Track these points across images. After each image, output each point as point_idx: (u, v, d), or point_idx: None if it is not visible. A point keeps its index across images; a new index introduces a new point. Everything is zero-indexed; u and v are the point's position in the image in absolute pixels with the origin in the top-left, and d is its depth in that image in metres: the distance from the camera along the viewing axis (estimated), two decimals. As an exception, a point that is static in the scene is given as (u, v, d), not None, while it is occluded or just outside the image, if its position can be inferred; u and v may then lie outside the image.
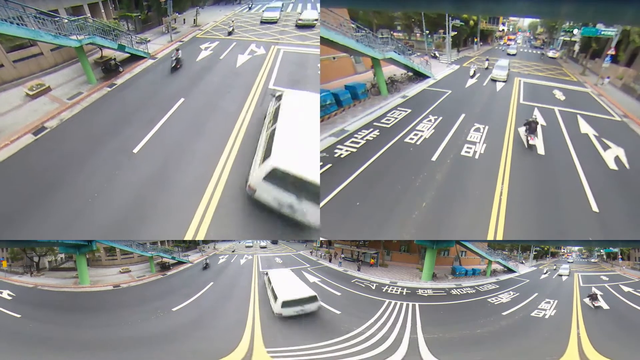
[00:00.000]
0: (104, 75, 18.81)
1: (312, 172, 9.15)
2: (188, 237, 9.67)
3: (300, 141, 10.26)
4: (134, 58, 21.12)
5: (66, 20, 16.49)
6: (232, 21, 28.72)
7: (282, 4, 27.88)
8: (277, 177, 9.27)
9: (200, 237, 9.73)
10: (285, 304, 12.73)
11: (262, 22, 28.88)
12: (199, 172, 11.61)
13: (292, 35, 26.36)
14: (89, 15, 21.22)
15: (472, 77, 29.26)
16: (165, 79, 18.75)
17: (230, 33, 25.86)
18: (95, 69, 18.91)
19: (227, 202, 10.57)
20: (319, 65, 20.74)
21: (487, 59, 34.94)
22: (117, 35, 19.84)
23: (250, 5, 30.97)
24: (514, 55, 44.81)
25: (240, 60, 21.23)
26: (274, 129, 10.70)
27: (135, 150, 12.62)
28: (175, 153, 12.56)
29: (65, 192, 10.60)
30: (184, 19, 30.15)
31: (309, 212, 9.41)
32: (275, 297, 13.16)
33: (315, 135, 10.68)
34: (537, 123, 15.82)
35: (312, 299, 13.22)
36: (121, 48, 20.08)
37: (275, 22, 29.17)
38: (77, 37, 16.65)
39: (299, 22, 28.37)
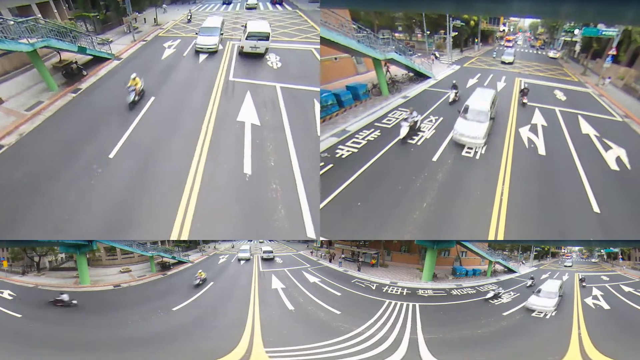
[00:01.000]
0: (65, 81, 17.66)
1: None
2: (174, 236, 9.57)
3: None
4: (98, 60, 20.35)
5: (12, 22, 14.96)
6: (190, 10, 29.80)
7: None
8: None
9: (185, 236, 9.59)
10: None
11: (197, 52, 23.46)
12: (176, 169, 11.54)
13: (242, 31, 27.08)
14: (39, 16, 20.01)
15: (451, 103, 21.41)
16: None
17: (189, 20, 26.02)
18: (55, 75, 17.75)
19: (207, 197, 10.55)
20: (268, 56, 22.04)
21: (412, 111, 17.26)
22: (76, 37, 18.76)
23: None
24: (510, 63, 36.54)
25: (201, 57, 21.57)
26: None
27: (111, 155, 12.15)
28: (152, 152, 12.41)
29: (40, 208, 9.99)
30: (145, 18, 30.04)
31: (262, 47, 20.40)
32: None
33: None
34: (528, 90, 22.56)
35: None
36: (82, 50, 19.02)
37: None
38: (28, 41, 15.06)
39: (247, 5, 32.25)
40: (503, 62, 34.43)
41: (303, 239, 10.54)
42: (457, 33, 40.65)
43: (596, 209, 11.45)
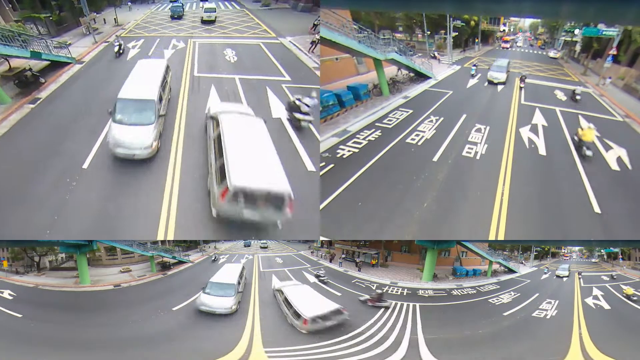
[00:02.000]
0: (20, 91, 16.00)
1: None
2: (160, 237, 9.53)
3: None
4: (57, 65, 18.93)
5: None
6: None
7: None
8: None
9: (170, 236, 9.54)
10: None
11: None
12: (155, 168, 11.41)
13: (202, 29, 28.70)
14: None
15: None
16: (100, 83, 17.17)
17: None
18: (6, 85, 16.07)
19: (187, 195, 10.56)
20: (224, 51, 22.83)
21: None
22: (27, 41, 17.04)
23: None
24: (502, 83, 27.37)
25: (166, 55, 21.67)
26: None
27: (85, 166, 11.42)
28: (122, 161, 11.58)
29: (9, 234, 9.49)
30: (104, 19, 29.18)
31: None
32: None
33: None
34: (525, 76, 26.16)
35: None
36: (36, 55, 17.21)
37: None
38: None
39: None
40: (491, 82, 27.64)
41: (279, 239, 10.71)
42: (457, 33, 40.65)
43: (597, 209, 11.43)
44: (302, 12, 33.59)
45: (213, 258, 23.46)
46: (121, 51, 20.99)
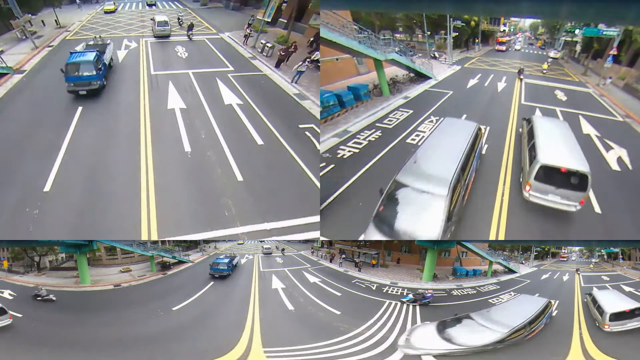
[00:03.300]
0: None
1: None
2: (144, 237, 9.51)
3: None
4: None
5: None
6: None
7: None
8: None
9: (154, 236, 9.50)
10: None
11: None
12: (127, 173, 11.23)
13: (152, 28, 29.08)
14: None
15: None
16: (50, 93, 15.81)
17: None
18: None
19: (165, 193, 10.62)
20: (175, 49, 23.76)
21: None
22: None
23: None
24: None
25: (120, 56, 21.66)
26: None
27: (46, 189, 10.44)
28: (97, 166, 11.42)
29: None
30: (43, 21, 26.67)
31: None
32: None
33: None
34: (523, 69, 29.62)
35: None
36: None
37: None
38: None
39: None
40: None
41: (239, 179, 11.45)
42: (457, 34, 40.70)
43: (597, 209, 11.44)
44: (233, 10, 38.11)
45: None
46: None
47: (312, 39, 25.40)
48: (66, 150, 12.09)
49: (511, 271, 26.42)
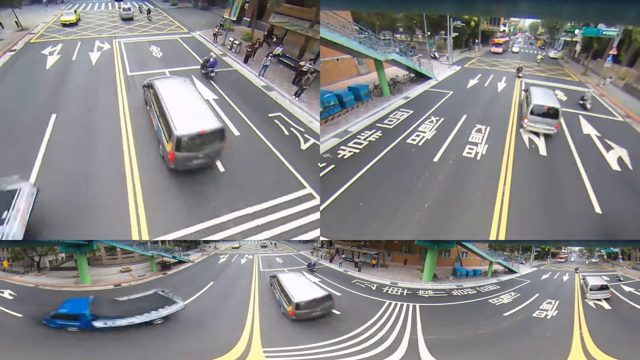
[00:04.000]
0: None
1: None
2: (135, 237, 9.43)
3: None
4: None
5: None
6: None
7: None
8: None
9: (145, 236, 9.45)
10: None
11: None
12: (112, 176, 10.96)
13: (124, 29, 28.56)
14: None
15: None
16: (20, 102, 14.70)
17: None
18: None
19: (152, 191, 10.60)
20: (150, 48, 23.37)
21: None
22: None
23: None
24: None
25: (93, 58, 20.84)
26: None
27: None
28: (76, 175, 10.80)
29: None
30: (0, 23, 25.10)
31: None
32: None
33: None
34: (522, 68, 29.62)
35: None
36: None
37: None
38: None
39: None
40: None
41: (221, 171, 11.92)
42: (457, 34, 40.70)
43: (598, 210, 11.42)
44: (202, 10, 38.92)
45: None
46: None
47: (265, 34, 26.57)
48: (42, 161, 11.13)
49: (511, 271, 26.42)
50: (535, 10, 13.84)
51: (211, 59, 19.22)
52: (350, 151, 14.44)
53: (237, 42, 24.30)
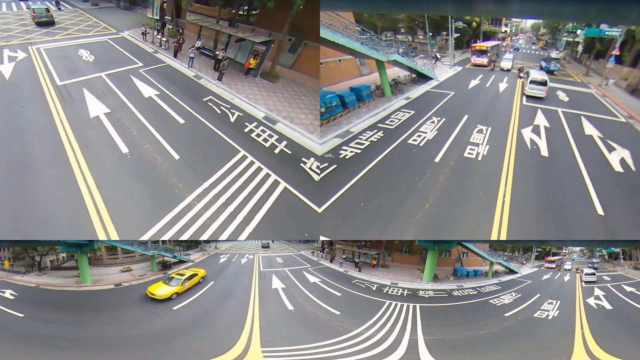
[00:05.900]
0: None
1: None
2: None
3: None
4: None
5: None
6: None
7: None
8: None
9: (114, 235, 9.33)
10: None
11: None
12: (64, 195, 10.26)
13: (40, 33, 25.41)
14: None
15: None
16: None
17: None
18: None
19: (110, 191, 10.55)
20: (79, 52, 22.02)
21: None
22: None
23: None
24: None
25: (6, 71, 17.46)
26: None
27: None
28: (18, 202, 9.70)
29: None
30: None
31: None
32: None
33: None
34: (523, 67, 31.99)
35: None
36: None
37: None
38: None
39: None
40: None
41: (176, 158, 12.56)
42: (459, 34, 40.64)
43: (600, 211, 11.37)
44: (125, 9, 38.66)
45: None
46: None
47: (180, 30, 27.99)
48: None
49: (512, 272, 26.38)
50: (536, 11, 13.83)
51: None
52: (352, 151, 14.43)
53: (164, 39, 25.55)
